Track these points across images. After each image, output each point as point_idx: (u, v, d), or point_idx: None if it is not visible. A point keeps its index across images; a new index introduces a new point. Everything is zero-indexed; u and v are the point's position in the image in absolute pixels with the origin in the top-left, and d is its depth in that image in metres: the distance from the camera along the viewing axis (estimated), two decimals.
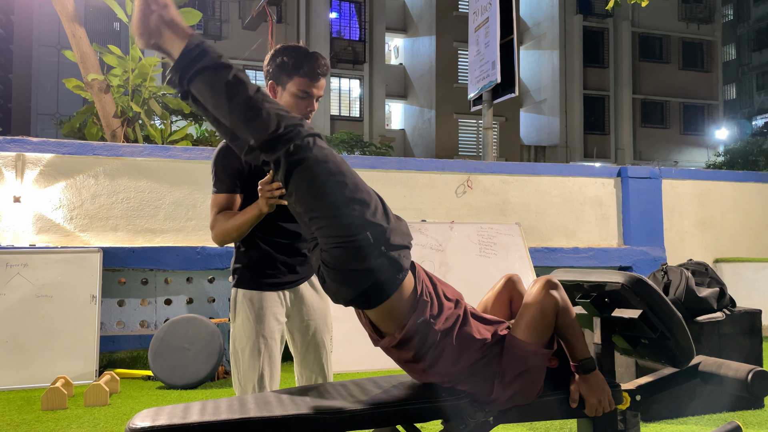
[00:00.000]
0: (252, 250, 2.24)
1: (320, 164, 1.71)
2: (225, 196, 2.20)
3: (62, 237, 5.42)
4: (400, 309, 1.79)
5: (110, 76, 8.12)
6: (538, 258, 6.31)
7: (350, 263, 1.73)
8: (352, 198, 1.71)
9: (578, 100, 25.65)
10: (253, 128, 1.70)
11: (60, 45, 25.12)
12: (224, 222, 2.18)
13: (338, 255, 1.73)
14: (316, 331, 2.33)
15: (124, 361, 5.26)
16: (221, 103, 1.71)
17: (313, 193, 1.72)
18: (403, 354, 1.87)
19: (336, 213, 1.71)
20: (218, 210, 2.20)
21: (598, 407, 1.88)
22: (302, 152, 1.70)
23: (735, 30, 35.64)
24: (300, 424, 1.66)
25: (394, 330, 1.82)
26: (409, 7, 25.86)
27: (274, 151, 1.71)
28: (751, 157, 18.87)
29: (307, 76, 2.15)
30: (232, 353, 2.24)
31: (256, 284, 2.23)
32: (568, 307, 1.88)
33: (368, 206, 1.72)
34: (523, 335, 1.85)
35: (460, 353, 1.82)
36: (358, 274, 1.74)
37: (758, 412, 3.67)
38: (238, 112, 1.70)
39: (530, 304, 1.87)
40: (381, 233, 1.72)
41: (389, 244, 1.73)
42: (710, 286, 3.78)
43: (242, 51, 20.67)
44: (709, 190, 7.50)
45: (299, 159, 1.70)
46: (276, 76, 2.19)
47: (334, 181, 1.71)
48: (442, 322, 1.82)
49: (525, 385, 1.85)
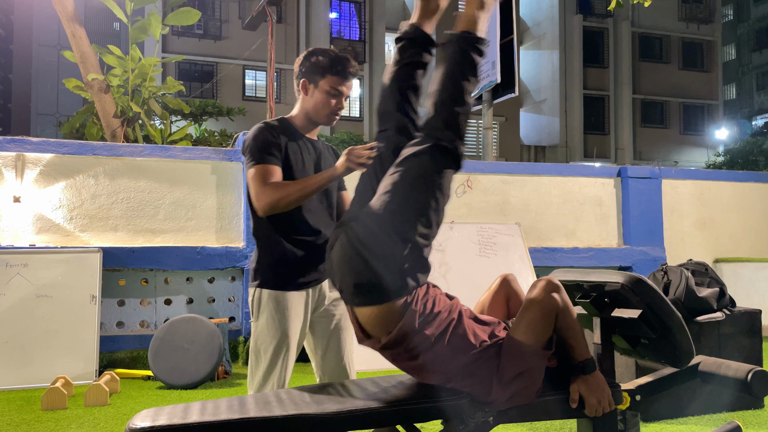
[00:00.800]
0: (275, 249, 2.27)
1: (430, 171, 1.80)
2: (272, 167, 2.19)
3: (62, 237, 5.42)
4: (387, 316, 1.80)
5: (110, 76, 8.13)
6: (538, 258, 6.31)
7: (373, 254, 1.75)
8: (428, 209, 1.79)
9: (578, 100, 25.64)
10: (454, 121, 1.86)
11: (60, 45, 25.12)
12: (283, 187, 2.15)
13: (372, 241, 1.76)
14: (336, 328, 2.36)
15: (124, 361, 5.26)
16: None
17: (411, 178, 1.79)
18: (392, 355, 1.87)
19: (408, 208, 1.77)
20: (265, 180, 2.17)
21: (597, 408, 1.88)
22: (438, 152, 1.81)
23: (735, 30, 35.63)
24: (300, 424, 1.66)
25: (380, 334, 1.83)
26: (409, 7, 25.84)
27: (434, 134, 1.83)
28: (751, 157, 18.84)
29: (339, 74, 2.28)
30: (253, 351, 2.27)
31: (280, 284, 2.25)
32: (568, 309, 1.88)
33: (431, 228, 1.79)
34: (522, 336, 1.85)
35: (453, 356, 1.82)
36: (368, 267, 1.76)
37: (758, 412, 3.67)
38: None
39: (530, 305, 1.87)
40: (417, 255, 1.78)
41: (414, 269, 1.78)
42: (710, 286, 3.78)
43: (242, 51, 20.67)
44: (708, 190, 7.50)
45: (444, 149, 1.82)
46: (309, 75, 2.29)
47: (426, 189, 1.79)
48: (434, 327, 1.81)
49: (524, 385, 1.85)
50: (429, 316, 1.82)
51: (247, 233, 5.68)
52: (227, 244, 5.74)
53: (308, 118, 2.34)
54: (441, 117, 1.86)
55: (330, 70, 2.27)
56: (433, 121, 1.87)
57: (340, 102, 2.30)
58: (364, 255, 1.75)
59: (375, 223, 1.77)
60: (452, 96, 1.87)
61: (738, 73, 35.70)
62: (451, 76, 1.89)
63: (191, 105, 15.16)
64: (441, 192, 1.82)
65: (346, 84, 2.30)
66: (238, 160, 5.84)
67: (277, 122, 2.31)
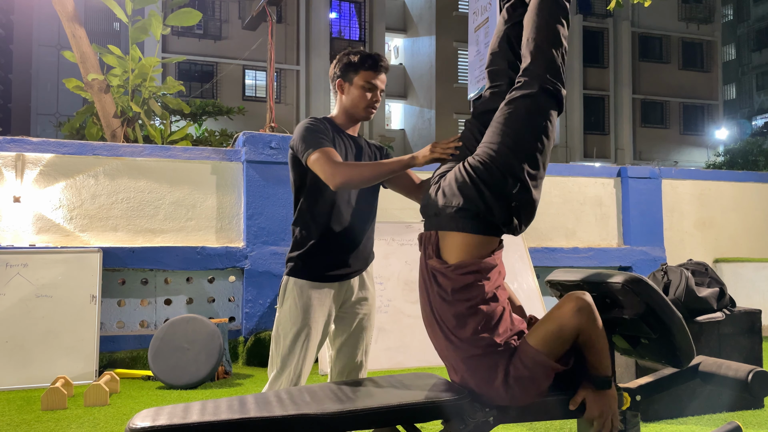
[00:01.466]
0: (307, 240, 2.33)
1: (537, 113, 1.91)
2: (332, 150, 2.27)
3: (62, 237, 5.42)
4: (472, 249, 1.86)
5: (110, 76, 8.12)
6: (537, 258, 6.31)
7: (487, 185, 1.84)
8: (538, 160, 1.90)
9: (578, 100, 25.65)
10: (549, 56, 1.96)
11: (60, 45, 25.10)
12: (357, 166, 2.23)
13: (489, 174, 1.85)
14: (359, 326, 2.41)
15: (123, 361, 5.26)
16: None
17: (516, 120, 1.89)
18: (442, 285, 1.88)
19: (522, 155, 1.87)
20: (334, 159, 2.23)
21: (599, 420, 1.85)
22: (543, 96, 1.92)
23: (735, 30, 35.63)
24: (300, 424, 1.66)
25: (453, 260, 1.87)
26: (408, 7, 25.86)
27: (538, 79, 1.92)
28: (750, 157, 18.85)
29: (371, 68, 2.39)
30: (273, 337, 2.34)
31: (308, 274, 2.32)
32: (593, 329, 1.82)
33: (538, 178, 1.91)
34: (537, 344, 1.83)
35: (484, 327, 1.83)
36: (480, 195, 1.84)
37: (758, 412, 3.67)
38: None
39: (552, 318, 1.84)
40: (526, 193, 1.87)
41: (519, 209, 1.87)
42: (710, 286, 3.78)
43: (242, 51, 20.67)
44: (708, 190, 7.50)
45: (545, 91, 1.92)
46: (344, 74, 2.41)
47: (533, 130, 1.90)
48: (489, 291, 1.85)
49: (527, 390, 1.84)
50: (492, 281, 1.87)
51: (247, 233, 5.69)
52: (227, 244, 5.74)
53: (348, 115, 2.44)
54: (541, 61, 1.94)
55: (362, 66, 2.38)
56: (533, 66, 1.94)
57: (375, 95, 2.41)
58: (479, 184, 1.84)
59: (489, 158, 1.86)
60: (549, 39, 1.95)
61: (738, 73, 35.71)
62: (546, 20, 1.96)
63: (191, 105, 15.16)
64: (547, 135, 1.91)
65: (379, 77, 2.41)
66: (238, 160, 5.84)
67: (321, 119, 2.42)
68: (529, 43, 1.97)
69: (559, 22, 1.97)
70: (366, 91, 2.39)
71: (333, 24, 23.44)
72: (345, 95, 2.42)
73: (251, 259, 5.64)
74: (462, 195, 1.87)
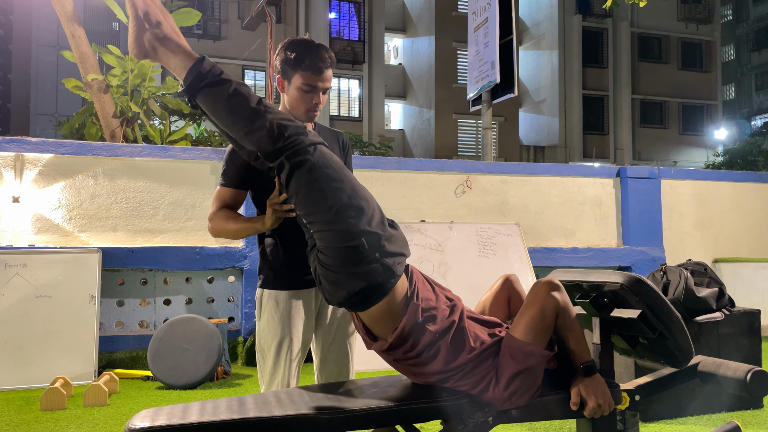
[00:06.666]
0: (273, 249, 2.27)
1: (320, 169, 1.77)
2: (229, 191, 2.23)
3: (61, 237, 5.42)
4: (391, 312, 1.82)
5: (109, 77, 8.11)
6: (537, 258, 6.31)
7: (345, 266, 1.77)
8: (350, 204, 1.76)
9: (577, 100, 25.65)
10: (257, 140, 1.77)
11: (59, 45, 25.07)
12: (224, 222, 2.20)
13: (334, 258, 1.78)
14: (339, 330, 2.35)
15: (123, 362, 5.25)
16: (225, 117, 1.78)
17: (312, 198, 1.78)
18: (396, 356, 1.88)
19: (333, 218, 1.76)
20: (220, 204, 2.23)
21: (597, 410, 1.88)
22: (303, 155, 1.76)
23: (734, 30, 35.64)
24: (299, 424, 1.66)
25: (387, 333, 1.85)
26: (408, 7, 25.86)
27: (278, 158, 1.77)
28: (750, 157, 18.88)
29: (309, 69, 2.14)
30: (258, 350, 2.30)
31: (279, 284, 2.26)
32: (568, 309, 1.89)
33: (365, 214, 1.78)
34: (522, 334, 1.85)
35: (454, 355, 1.84)
36: (352, 277, 1.78)
37: (757, 412, 3.67)
38: (242, 126, 1.78)
39: (530, 305, 1.87)
40: (376, 240, 1.78)
41: (384, 251, 1.78)
42: (709, 286, 3.78)
43: (242, 51, 20.66)
44: (708, 191, 7.50)
45: (300, 161, 1.76)
46: (283, 71, 2.20)
47: (334, 187, 1.77)
48: (437, 324, 1.84)
49: (523, 385, 1.85)
50: (431, 312, 1.84)
51: None
52: (226, 245, 5.73)
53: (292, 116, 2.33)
54: (256, 140, 1.81)
55: (299, 66, 2.14)
56: (260, 149, 1.82)
57: (316, 97, 2.17)
58: (342, 270, 1.78)
59: (325, 241, 1.79)
60: (248, 129, 1.83)
61: (737, 74, 35.72)
62: (224, 116, 1.85)
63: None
64: (339, 179, 1.79)
65: (320, 78, 2.15)
66: None
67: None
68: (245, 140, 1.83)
69: (233, 112, 1.78)
70: (304, 93, 2.16)
71: (332, 24, 23.44)
72: (286, 94, 2.21)
73: (250, 260, 5.64)
74: (340, 287, 1.80)
